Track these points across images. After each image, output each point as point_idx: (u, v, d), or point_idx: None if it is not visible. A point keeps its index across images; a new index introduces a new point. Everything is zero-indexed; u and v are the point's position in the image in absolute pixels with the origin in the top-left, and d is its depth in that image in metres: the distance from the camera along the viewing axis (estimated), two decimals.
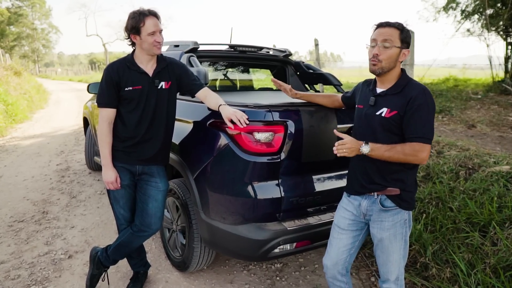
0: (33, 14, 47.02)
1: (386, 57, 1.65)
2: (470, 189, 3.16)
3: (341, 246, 1.88)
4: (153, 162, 2.25)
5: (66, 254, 2.97)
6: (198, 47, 3.04)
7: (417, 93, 1.62)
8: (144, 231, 2.27)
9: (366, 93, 1.83)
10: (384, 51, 1.64)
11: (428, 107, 1.61)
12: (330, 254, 1.93)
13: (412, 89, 1.64)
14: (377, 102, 1.72)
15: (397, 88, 1.69)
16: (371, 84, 1.82)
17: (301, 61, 3.64)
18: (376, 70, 1.69)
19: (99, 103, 2.15)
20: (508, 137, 4.98)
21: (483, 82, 12.21)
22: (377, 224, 1.76)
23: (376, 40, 1.67)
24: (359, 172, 1.79)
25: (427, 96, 1.62)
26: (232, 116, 1.98)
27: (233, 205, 2.11)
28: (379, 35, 1.66)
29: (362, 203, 1.80)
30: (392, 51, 1.64)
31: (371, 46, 1.70)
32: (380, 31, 1.67)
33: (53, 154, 6.32)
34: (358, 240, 1.90)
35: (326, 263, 1.95)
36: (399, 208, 1.73)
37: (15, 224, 3.54)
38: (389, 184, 1.71)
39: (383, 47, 1.64)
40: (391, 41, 1.64)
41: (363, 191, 1.78)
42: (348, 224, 1.86)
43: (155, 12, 2.06)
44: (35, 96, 14.27)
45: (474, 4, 10.58)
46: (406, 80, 1.70)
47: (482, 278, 2.32)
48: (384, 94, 1.72)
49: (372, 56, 1.68)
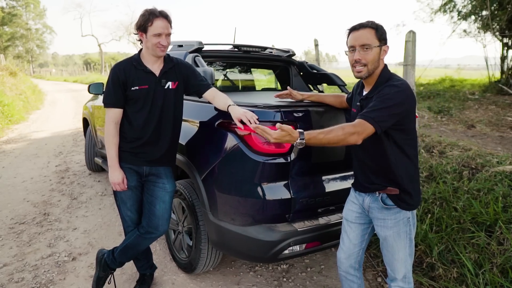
0: (27, 14, 46.69)
1: (370, 60, 1.62)
2: (474, 189, 3.17)
3: (352, 238, 1.91)
4: (160, 163, 2.23)
5: (70, 256, 2.93)
6: (203, 47, 3.02)
7: (384, 87, 1.60)
8: (152, 233, 2.24)
9: (356, 96, 1.84)
10: (365, 55, 1.61)
11: (384, 98, 1.55)
12: (343, 247, 1.95)
13: (385, 87, 1.61)
14: (362, 106, 1.72)
15: (374, 90, 1.67)
16: (359, 87, 1.83)
17: (304, 61, 3.64)
18: (362, 76, 1.66)
19: (105, 103, 2.12)
20: (508, 137, 5.02)
21: (479, 83, 12.30)
22: (380, 222, 1.77)
23: (354, 46, 1.63)
24: (360, 172, 1.83)
25: (391, 89, 1.57)
26: (242, 116, 1.96)
27: (243, 206, 2.10)
28: (356, 40, 1.62)
29: (365, 199, 1.82)
30: (373, 52, 1.61)
31: (350, 51, 1.66)
32: (355, 35, 1.63)
33: (51, 155, 6.27)
34: (367, 233, 1.92)
35: (339, 256, 1.97)
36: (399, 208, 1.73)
37: (16, 226, 3.50)
38: (388, 183, 1.71)
39: (363, 50, 1.61)
40: (369, 44, 1.60)
41: (365, 190, 1.81)
42: (356, 217, 1.89)
43: (167, 14, 2.04)
44: (30, 97, 14.15)
45: (471, 5, 10.66)
46: (385, 79, 1.66)
47: (491, 278, 2.32)
48: (365, 97, 1.71)
49: (354, 62, 1.64)
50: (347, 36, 1.69)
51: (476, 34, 11.36)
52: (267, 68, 4.07)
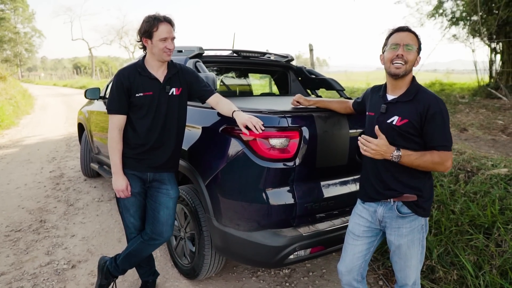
0: (16, 17, 46.07)
1: (410, 60, 1.65)
2: (471, 192, 3.22)
3: (356, 252, 1.87)
4: (164, 169, 2.22)
5: (69, 264, 2.90)
6: (203, 53, 3.03)
7: (430, 102, 1.62)
8: (156, 239, 2.23)
9: (376, 100, 1.82)
10: (407, 54, 1.64)
11: (443, 115, 1.62)
12: (345, 260, 1.91)
13: (424, 98, 1.64)
14: (388, 110, 1.72)
15: (408, 96, 1.68)
16: (381, 90, 1.81)
17: (303, 66, 3.67)
18: (400, 73, 1.66)
19: (109, 110, 2.11)
20: (500, 140, 5.12)
21: (468, 86, 12.52)
22: (395, 231, 1.75)
23: (399, 43, 1.65)
24: (373, 178, 1.77)
25: (440, 104, 1.63)
26: (248, 122, 1.97)
27: (248, 211, 2.10)
28: (402, 39, 1.66)
29: (378, 209, 1.78)
30: (414, 54, 1.66)
31: (391, 49, 1.68)
32: (401, 35, 1.67)
33: (44, 161, 6.18)
34: (373, 246, 1.89)
35: (341, 270, 1.93)
36: (416, 214, 1.73)
37: (12, 234, 3.44)
38: (406, 190, 1.70)
39: (407, 49, 1.64)
40: (412, 45, 1.65)
41: (378, 197, 1.76)
42: (363, 231, 1.85)
43: (170, 19, 2.05)
44: (21, 102, 13.97)
45: (460, 11, 10.87)
46: (417, 87, 1.70)
47: (491, 279, 2.36)
48: (395, 101, 1.71)
49: (395, 57, 1.65)
50: (389, 35, 1.72)
51: (465, 39, 11.58)
52: (265, 73, 4.10)
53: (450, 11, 11.20)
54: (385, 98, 1.76)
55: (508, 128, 5.93)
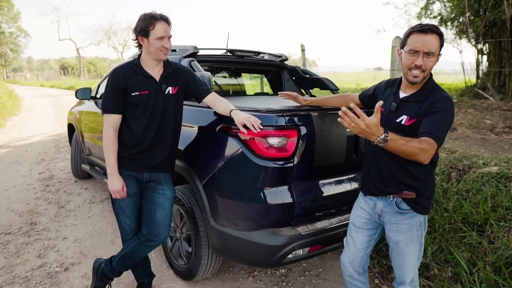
0: (1, 17, 45.17)
1: (429, 67, 1.57)
2: (463, 190, 3.27)
3: (358, 243, 1.90)
4: (160, 169, 2.19)
5: (62, 267, 2.84)
6: (198, 52, 3.01)
7: (438, 99, 1.57)
8: (152, 241, 2.20)
9: (388, 96, 1.77)
10: (427, 62, 1.55)
11: (445, 113, 1.55)
12: (347, 252, 1.95)
13: (434, 96, 1.59)
14: (398, 108, 1.68)
15: (420, 96, 1.63)
16: (395, 86, 1.76)
17: (297, 66, 3.68)
18: (418, 81, 1.60)
19: (104, 109, 2.08)
20: (490, 139, 5.21)
21: (455, 87, 12.73)
22: (393, 226, 1.76)
23: (419, 51, 1.54)
24: (374, 174, 1.78)
25: (447, 104, 1.56)
26: (246, 121, 1.96)
27: (246, 211, 2.09)
28: (423, 45, 1.53)
29: (378, 204, 1.80)
30: (434, 60, 1.58)
31: (410, 55, 1.57)
32: (423, 39, 1.54)
33: (33, 163, 6.06)
34: (374, 239, 1.92)
35: (343, 260, 1.97)
36: (415, 211, 1.73)
37: (2, 237, 3.36)
38: (405, 187, 1.70)
39: (426, 57, 1.55)
40: (433, 52, 1.55)
41: (378, 193, 1.78)
42: (364, 223, 1.88)
43: (167, 17, 2.03)
44: (7, 102, 13.68)
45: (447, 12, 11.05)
46: (431, 87, 1.63)
47: (485, 276, 2.39)
48: (406, 99, 1.67)
49: (413, 66, 1.56)
50: (409, 36, 1.59)
51: (452, 40, 11.77)
52: (260, 72, 4.10)
53: (438, 12, 11.38)
54: (397, 95, 1.72)
55: (497, 127, 6.04)
